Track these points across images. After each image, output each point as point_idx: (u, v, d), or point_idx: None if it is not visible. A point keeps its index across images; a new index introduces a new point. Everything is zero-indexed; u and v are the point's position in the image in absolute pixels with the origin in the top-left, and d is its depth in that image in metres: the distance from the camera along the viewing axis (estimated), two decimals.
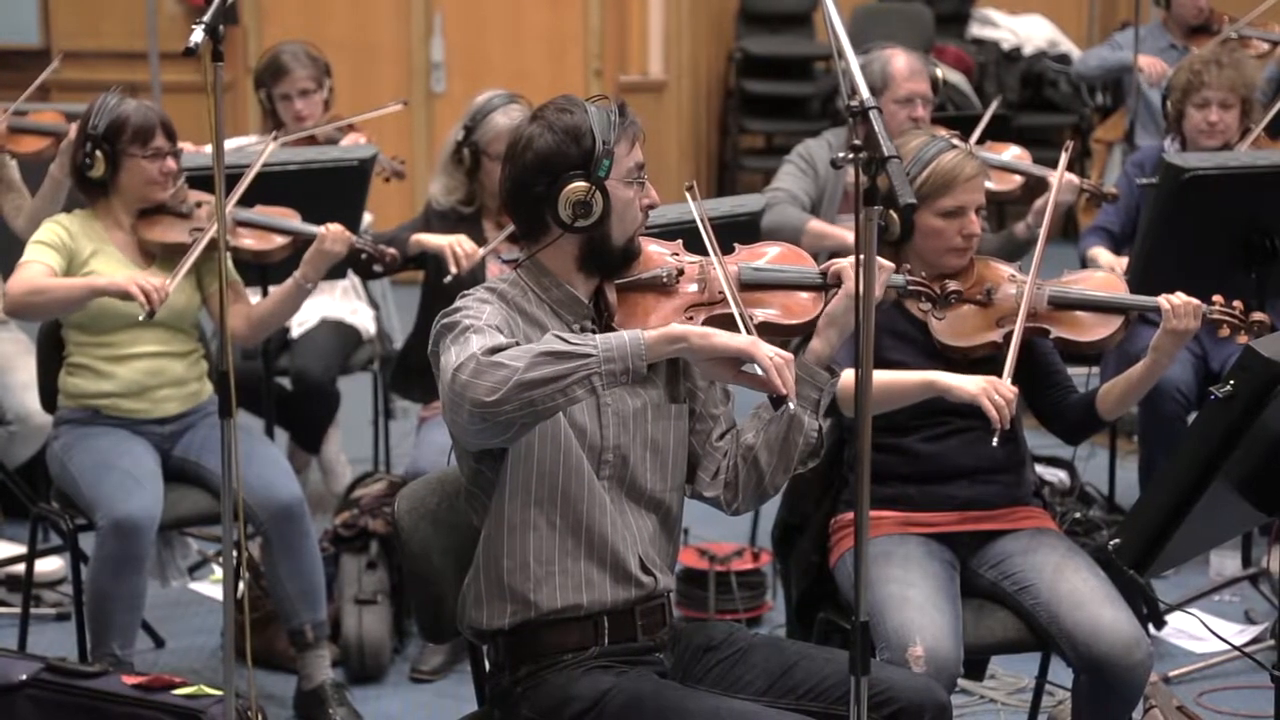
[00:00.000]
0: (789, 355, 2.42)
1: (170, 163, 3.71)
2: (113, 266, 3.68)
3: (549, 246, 2.62)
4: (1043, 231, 3.31)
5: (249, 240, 3.86)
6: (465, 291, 2.63)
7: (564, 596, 2.58)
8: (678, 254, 2.73)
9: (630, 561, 2.62)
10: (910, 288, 2.91)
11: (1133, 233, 4.55)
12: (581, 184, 2.56)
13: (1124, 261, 4.38)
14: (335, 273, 4.10)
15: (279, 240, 3.86)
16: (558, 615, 2.59)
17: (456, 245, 4.00)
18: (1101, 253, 4.59)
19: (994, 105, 4.75)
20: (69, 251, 3.65)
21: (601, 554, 2.60)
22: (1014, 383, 3.20)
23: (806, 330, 2.70)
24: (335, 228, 3.74)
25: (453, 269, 3.96)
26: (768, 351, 2.41)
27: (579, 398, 2.38)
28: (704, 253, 2.72)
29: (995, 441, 2.93)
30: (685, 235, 2.79)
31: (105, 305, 3.64)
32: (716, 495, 2.74)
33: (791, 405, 2.42)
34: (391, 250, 3.91)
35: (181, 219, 3.74)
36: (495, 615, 2.61)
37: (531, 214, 2.61)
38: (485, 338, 2.43)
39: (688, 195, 2.74)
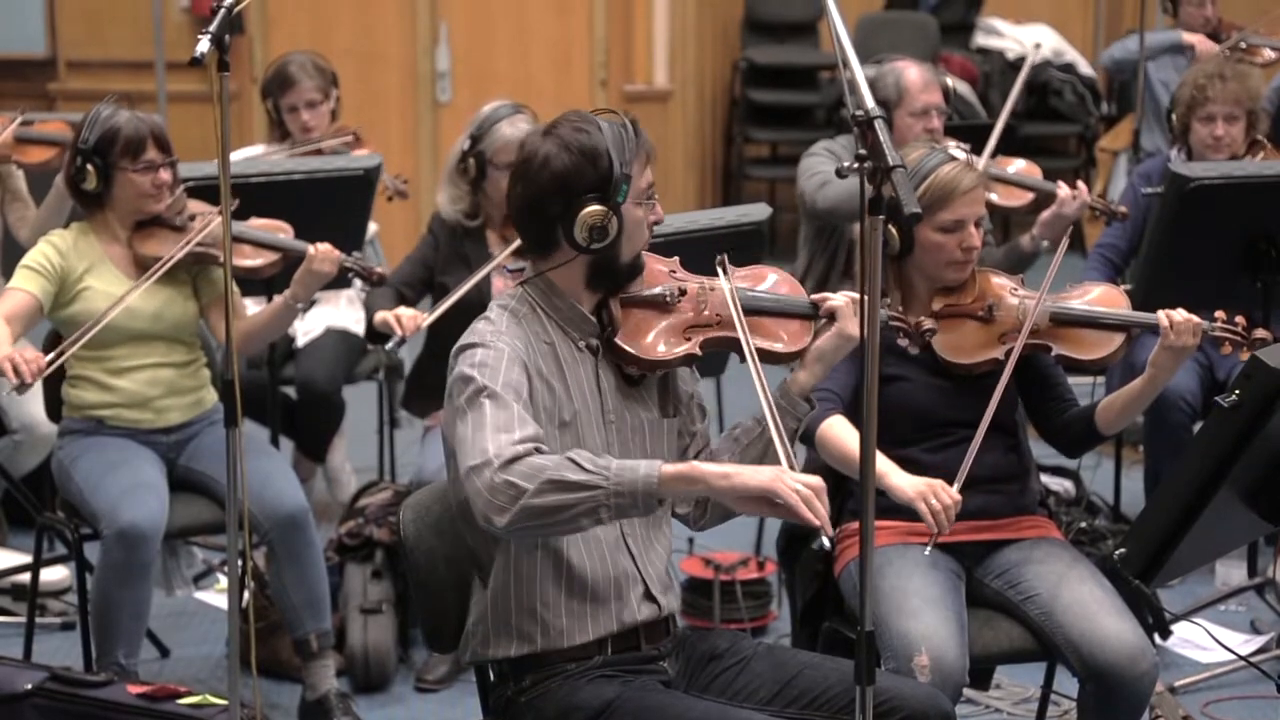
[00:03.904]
0: (818, 483, 2.36)
1: (163, 174, 3.67)
2: (107, 281, 3.67)
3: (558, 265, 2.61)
4: (1055, 260, 3.28)
5: (238, 257, 3.78)
6: (484, 315, 2.60)
7: (569, 637, 2.60)
8: (675, 271, 2.73)
9: (636, 593, 2.63)
10: (892, 323, 2.91)
11: (1140, 245, 4.55)
12: (598, 208, 2.54)
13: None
14: (338, 282, 4.07)
15: (270, 256, 3.80)
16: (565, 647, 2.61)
17: (400, 315, 3.90)
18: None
19: (1015, 92, 4.72)
20: (59, 273, 3.63)
21: (606, 591, 2.61)
22: (1018, 394, 3.21)
23: (794, 359, 2.71)
24: (324, 247, 3.68)
25: (398, 332, 3.90)
26: (793, 485, 2.34)
27: (584, 527, 2.40)
28: (705, 271, 2.72)
29: (927, 551, 2.92)
30: (682, 253, 2.79)
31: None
32: (686, 512, 2.75)
33: (827, 542, 2.35)
34: (379, 270, 3.87)
35: (176, 232, 3.70)
36: (502, 651, 2.62)
37: (543, 232, 2.60)
38: (499, 410, 2.42)
39: (720, 271, 2.71)
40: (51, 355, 3.44)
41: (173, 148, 3.72)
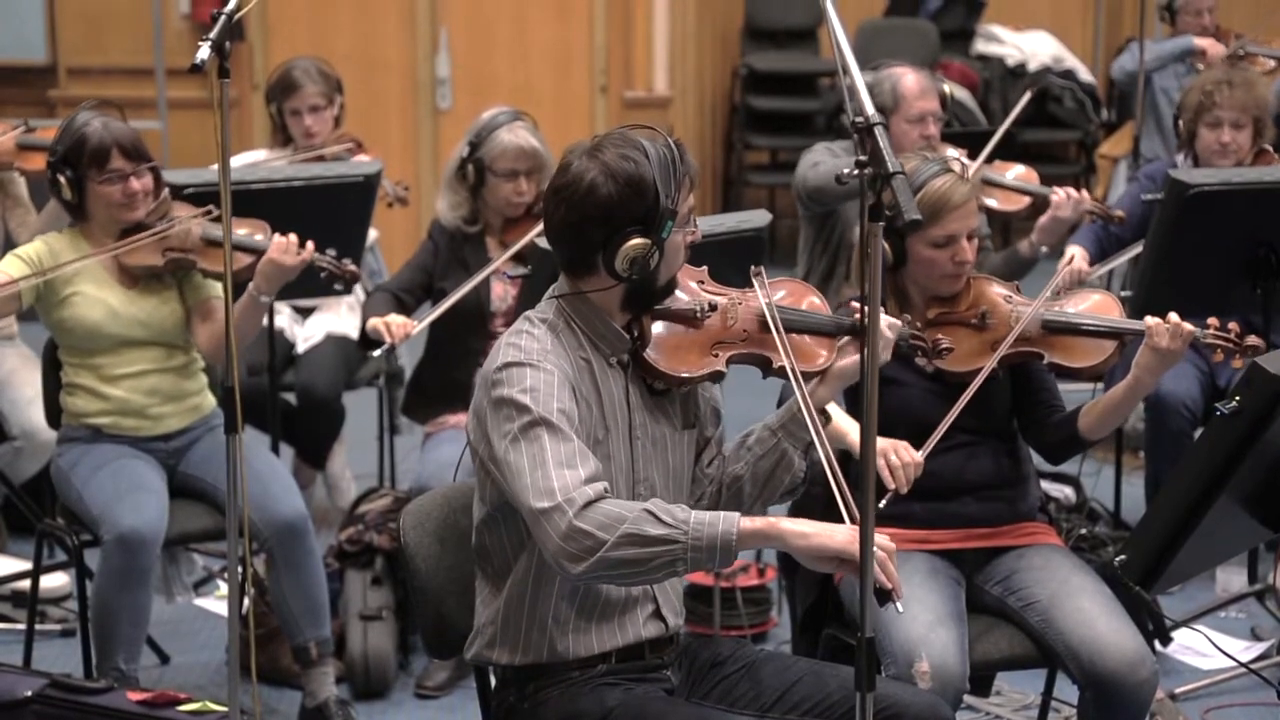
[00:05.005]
0: (890, 546, 2.37)
1: (135, 183, 3.60)
2: (96, 286, 3.66)
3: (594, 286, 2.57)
4: (1059, 272, 3.28)
5: (214, 262, 3.68)
6: (519, 327, 2.57)
7: (575, 651, 2.59)
8: (704, 282, 2.71)
9: (646, 611, 2.63)
10: (913, 341, 2.92)
11: (1131, 239, 4.55)
12: (641, 241, 2.50)
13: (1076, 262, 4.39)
14: (318, 287, 4.03)
15: (246, 259, 3.68)
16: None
17: (389, 322, 3.94)
18: (1071, 249, 4.54)
19: (1021, 105, 4.73)
20: (44, 270, 3.60)
21: (617, 609, 2.60)
22: (1010, 397, 3.21)
23: (815, 377, 2.69)
24: (281, 240, 3.63)
25: (387, 339, 3.90)
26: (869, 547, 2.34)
27: (659, 579, 2.42)
28: (737, 285, 2.71)
29: (883, 504, 2.92)
30: (710, 261, 2.77)
31: (88, 327, 3.63)
32: None
33: (898, 606, 2.35)
34: (352, 267, 3.82)
35: (160, 239, 3.63)
36: (507, 657, 2.61)
37: (582, 255, 2.55)
38: (558, 442, 2.40)
39: (755, 282, 2.69)
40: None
41: (147, 154, 3.64)
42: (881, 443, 2.95)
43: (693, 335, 2.65)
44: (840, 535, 2.38)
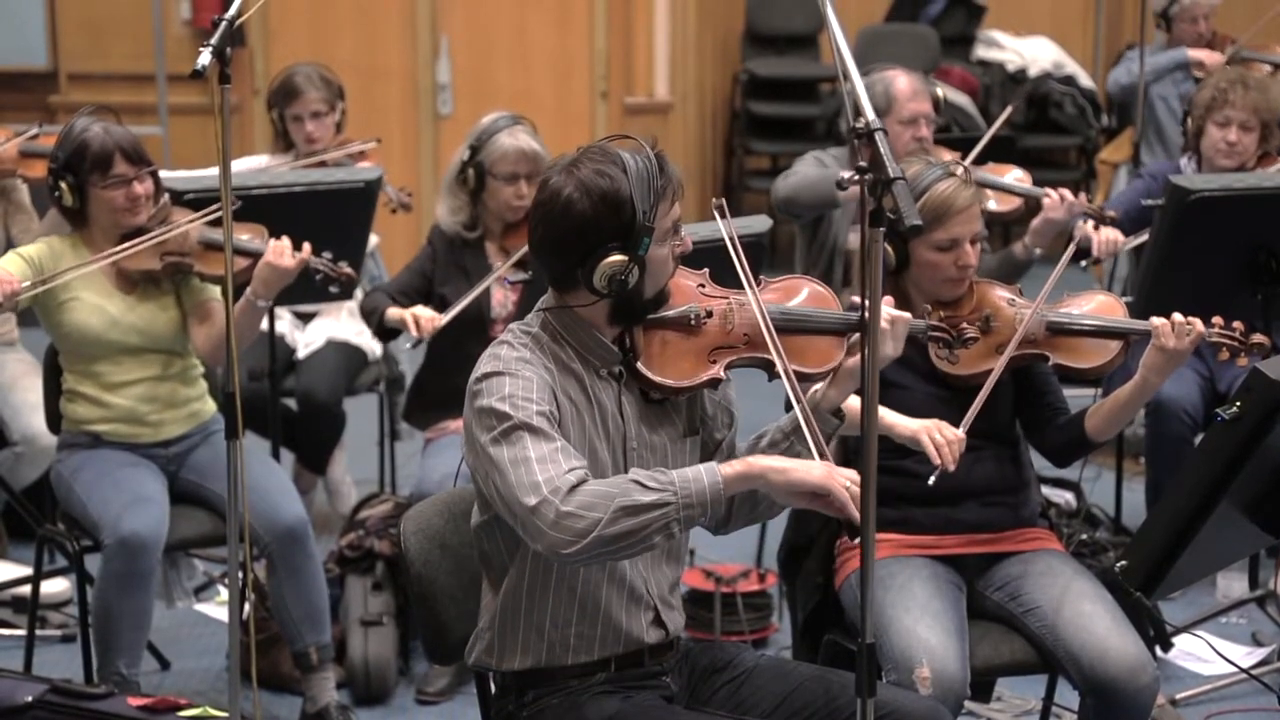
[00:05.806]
0: (857, 477, 2.37)
1: (137, 187, 3.60)
2: (94, 292, 3.66)
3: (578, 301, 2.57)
4: (1057, 271, 3.29)
5: (212, 265, 3.69)
6: (502, 338, 2.57)
7: (575, 656, 2.59)
8: (703, 285, 2.69)
9: (647, 618, 2.62)
10: (931, 333, 2.90)
11: (1130, 231, 4.54)
12: (619, 258, 2.49)
13: (1107, 233, 4.39)
14: (322, 296, 4.03)
15: (242, 262, 3.67)
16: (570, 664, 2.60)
17: (418, 315, 3.99)
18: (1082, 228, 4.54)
19: (1009, 108, 4.74)
20: (43, 273, 3.59)
21: (617, 615, 2.60)
22: (1013, 401, 3.21)
23: (825, 378, 2.67)
24: (277, 244, 3.62)
25: (414, 333, 3.94)
26: (842, 480, 2.38)
27: (655, 546, 2.42)
28: (734, 285, 2.67)
29: (931, 480, 2.94)
30: (712, 264, 2.75)
31: (86, 334, 3.63)
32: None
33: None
34: (348, 270, 3.80)
35: (161, 243, 3.63)
36: (507, 662, 2.61)
37: (564, 272, 2.55)
38: (540, 442, 2.41)
39: (716, 214, 2.66)
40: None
41: (148, 158, 3.65)
42: (923, 422, 2.97)
43: (689, 342, 2.63)
44: (817, 470, 2.41)
